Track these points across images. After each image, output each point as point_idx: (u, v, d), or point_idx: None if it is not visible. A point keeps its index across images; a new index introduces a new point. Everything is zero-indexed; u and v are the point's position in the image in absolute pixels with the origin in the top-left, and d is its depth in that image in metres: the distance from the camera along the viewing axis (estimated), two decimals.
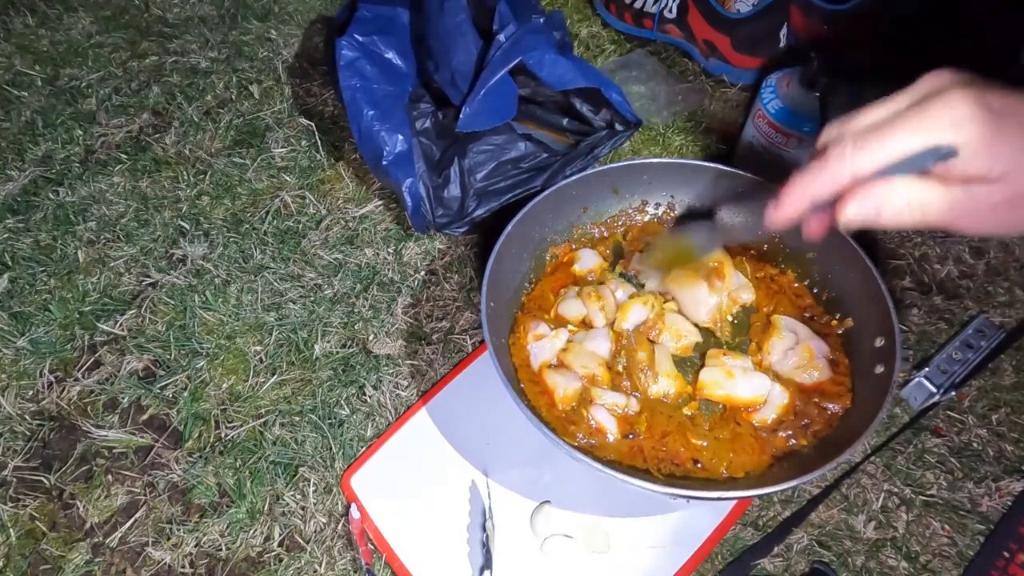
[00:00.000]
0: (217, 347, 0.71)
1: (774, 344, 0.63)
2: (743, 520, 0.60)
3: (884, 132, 0.39)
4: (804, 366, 0.61)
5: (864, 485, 0.62)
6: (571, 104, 0.77)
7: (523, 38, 0.72)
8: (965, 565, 0.58)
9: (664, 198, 0.73)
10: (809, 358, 0.61)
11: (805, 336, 0.63)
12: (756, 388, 0.60)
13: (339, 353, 0.71)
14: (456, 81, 0.74)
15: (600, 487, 0.60)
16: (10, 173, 0.86)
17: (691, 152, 0.86)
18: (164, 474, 0.64)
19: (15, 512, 0.63)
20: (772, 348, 0.62)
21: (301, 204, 0.82)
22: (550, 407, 0.60)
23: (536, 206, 0.66)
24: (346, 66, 0.75)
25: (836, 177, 0.40)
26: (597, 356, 0.63)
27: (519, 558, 0.58)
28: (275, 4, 1.05)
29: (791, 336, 0.63)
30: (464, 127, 0.72)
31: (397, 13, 0.81)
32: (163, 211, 0.82)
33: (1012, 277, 0.73)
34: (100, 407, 0.69)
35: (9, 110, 0.93)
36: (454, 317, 0.73)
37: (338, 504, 0.62)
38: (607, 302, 0.66)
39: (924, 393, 0.65)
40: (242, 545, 0.61)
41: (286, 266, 0.77)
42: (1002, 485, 0.61)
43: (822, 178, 0.41)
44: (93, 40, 1.01)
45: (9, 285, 0.76)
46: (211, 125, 0.90)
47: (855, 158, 0.40)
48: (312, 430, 0.66)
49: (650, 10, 0.94)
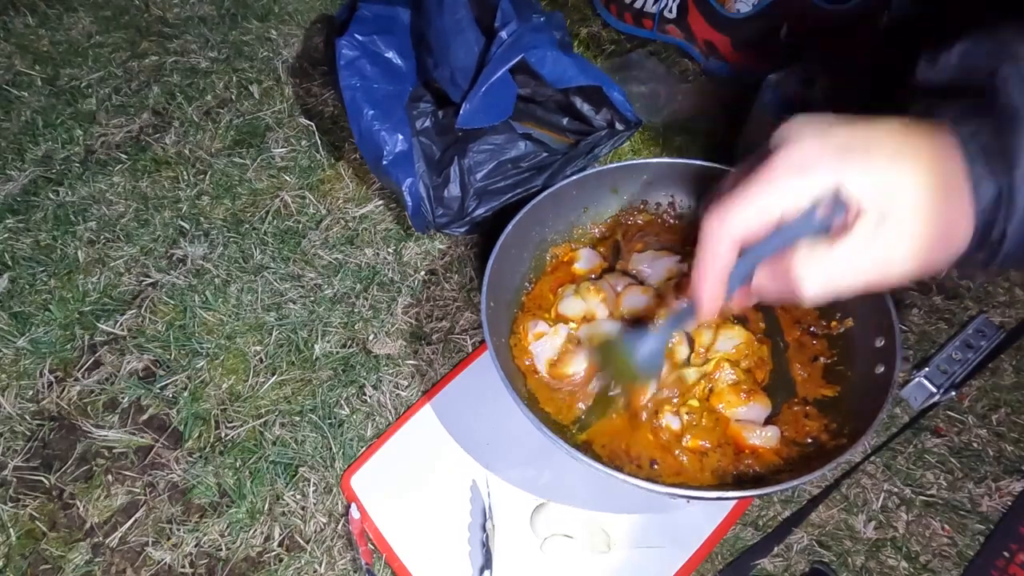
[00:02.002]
0: (217, 347, 0.71)
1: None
2: (743, 520, 0.60)
3: (741, 195, 0.38)
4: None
5: (864, 485, 0.62)
6: (571, 103, 0.77)
7: (525, 35, 0.72)
8: (965, 565, 0.58)
9: (664, 198, 0.73)
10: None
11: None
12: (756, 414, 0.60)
13: (339, 353, 0.71)
14: (456, 78, 0.74)
15: (600, 487, 0.60)
16: (10, 173, 0.86)
17: (691, 152, 0.86)
18: (164, 474, 0.64)
19: (15, 512, 0.63)
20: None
21: (301, 204, 0.82)
22: (568, 409, 0.61)
23: (536, 206, 0.66)
24: (346, 66, 0.75)
25: (718, 253, 0.40)
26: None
27: (519, 558, 0.58)
28: (275, 4, 1.05)
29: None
30: (464, 124, 0.72)
31: (397, 13, 0.81)
32: (163, 211, 0.82)
33: (1012, 277, 0.73)
34: (100, 407, 0.69)
35: (9, 110, 0.93)
36: (454, 317, 0.73)
37: (338, 504, 0.62)
38: (607, 294, 0.66)
39: (924, 393, 0.65)
40: (242, 545, 0.61)
41: (286, 266, 0.77)
42: (1002, 485, 0.61)
43: (709, 259, 0.40)
44: (93, 40, 1.01)
45: (9, 285, 0.76)
46: (211, 125, 0.90)
47: (723, 228, 0.39)
48: (312, 430, 0.66)
49: (650, 10, 0.94)
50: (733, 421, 0.59)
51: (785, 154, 0.37)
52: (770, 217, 0.38)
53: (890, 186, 0.35)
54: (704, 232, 0.40)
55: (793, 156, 0.37)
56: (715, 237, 0.39)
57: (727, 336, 0.63)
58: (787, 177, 0.37)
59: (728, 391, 0.60)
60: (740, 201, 0.38)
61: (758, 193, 0.37)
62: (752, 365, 0.62)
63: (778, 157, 0.37)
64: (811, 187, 0.36)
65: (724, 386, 0.61)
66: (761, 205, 0.38)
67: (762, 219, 0.38)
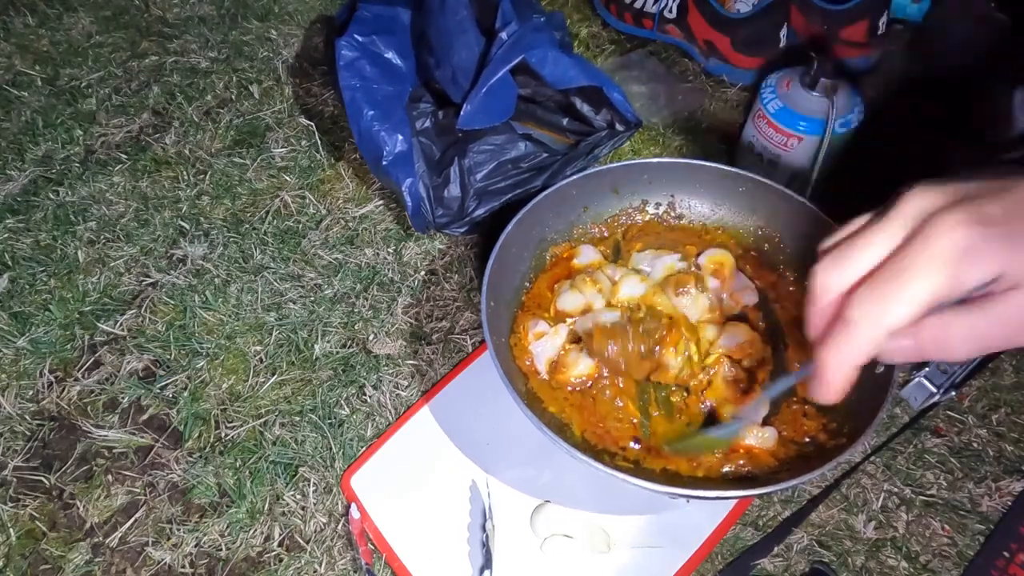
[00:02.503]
0: (217, 347, 0.71)
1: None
2: (743, 520, 0.60)
3: (900, 281, 0.35)
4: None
5: (864, 485, 0.62)
6: (571, 104, 0.77)
7: (526, 36, 0.73)
8: (965, 565, 0.58)
9: (664, 198, 0.73)
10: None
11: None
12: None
13: (339, 353, 0.71)
14: (457, 78, 0.74)
15: (600, 487, 0.60)
16: (10, 173, 0.86)
17: (691, 152, 0.86)
18: (164, 474, 0.64)
19: (15, 512, 0.63)
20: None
21: (301, 204, 0.82)
22: (581, 416, 0.61)
23: (536, 206, 0.66)
24: (346, 66, 0.75)
25: (873, 340, 0.36)
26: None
27: (519, 558, 0.58)
28: (275, 4, 1.05)
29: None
30: (465, 124, 0.72)
31: (397, 13, 0.81)
32: (163, 211, 0.82)
33: None
34: (100, 407, 0.69)
35: (9, 110, 0.93)
36: (454, 317, 0.73)
37: (338, 504, 0.62)
38: (603, 285, 0.65)
39: (924, 393, 0.64)
40: (242, 545, 0.61)
41: (286, 266, 0.77)
42: (1002, 485, 0.61)
43: (857, 346, 0.37)
44: (93, 40, 1.01)
45: (9, 285, 0.76)
46: (211, 125, 0.90)
47: (883, 318, 0.36)
48: (312, 430, 0.66)
49: (650, 10, 0.94)
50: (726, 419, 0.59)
51: (936, 245, 0.34)
52: (930, 300, 0.35)
53: None
54: (854, 314, 0.36)
55: (948, 251, 0.34)
56: (871, 323, 0.36)
57: (731, 333, 0.63)
58: (949, 267, 0.34)
59: (725, 386, 0.60)
60: (903, 289, 0.35)
61: (922, 284, 0.34)
62: (754, 364, 0.62)
63: (936, 242, 0.34)
64: (976, 277, 0.34)
65: (723, 380, 0.61)
66: (923, 296, 0.35)
67: (921, 304, 0.35)
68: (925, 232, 0.35)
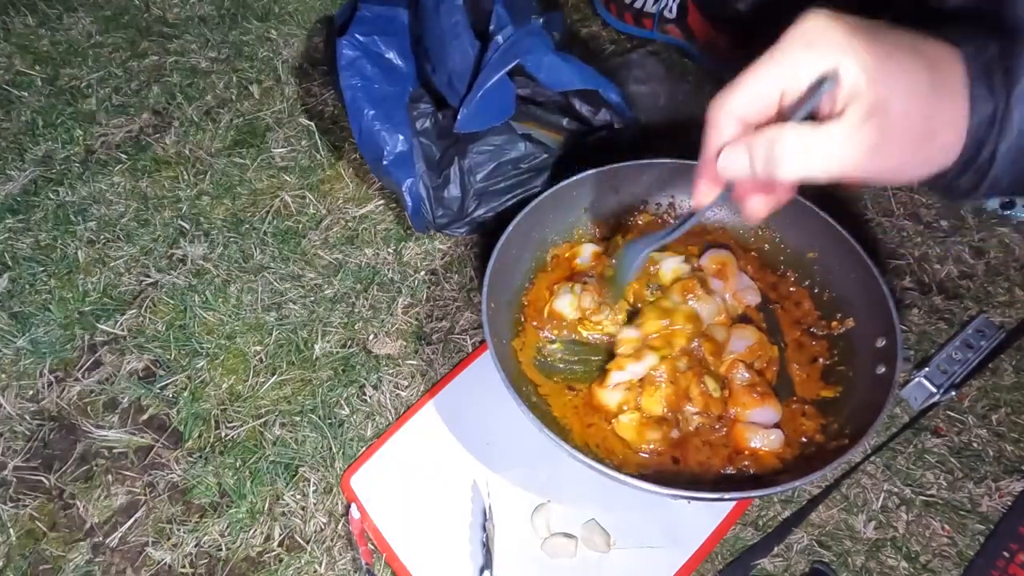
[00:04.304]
0: (217, 347, 0.71)
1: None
2: (743, 520, 0.60)
3: (747, 70, 0.38)
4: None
5: (864, 485, 0.62)
6: (570, 104, 0.77)
7: (521, 40, 0.72)
8: (965, 565, 0.58)
9: (664, 198, 0.73)
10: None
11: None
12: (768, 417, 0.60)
13: (339, 353, 0.71)
14: (453, 82, 0.74)
15: (600, 487, 0.60)
16: (10, 173, 0.86)
17: (691, 152, 0.85)
18: (164, 474, 0.64)
19: (15, 512, 0.63)
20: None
21: (301, 204, 0.82)
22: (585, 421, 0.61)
23: (536, 206, 0.66)
24: (346, 66, 0.75)
25: (716, 125, 0.40)
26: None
27: (519, 558, 0.58)
28: (275, 4, 1.05)
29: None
30: (462, 128, 0.72)
31: (397, 13, 0.81)
32: (163, 211, 0.82)
33: (1012, 277, 0.73)
34: (100, 407, 0.69)
35: (9, 110, 0.93)
36: (454, 317, 0.73)
37: (338, 504, 0.62)
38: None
39: (924, 393, 0.65)
40: (242, 545, 0.61)
41: (286, 266, 0.77)
42: (1002, 485, 0.61)
43: (711, 141, 0.40)
44: (93, 40, 1.01)
45: (9, 285, 0.76)
46: (211, 125, 0.90)
47: (722, 101, 0.39)
48: (312, 430, 0.66)
49: (650, 10, 0.94)
50: (741, 423, 0.59)
51: (794, 30, 0.37)
52: (771, 93, 0.38)
53: (888, 77, 0.35)
54: (708, 112, 0.40)
55: (801, 33, 0.36)
56: (717, 114, 0.40)
57: (740, 336, 0.63)
58: (792, 51, 0.36)
59: (743, 392, 0.60)
60: (744, 77, 0.38)
61: (761, 68, 0.37)
62: (763, 366, 0.62)
63: (787, 34, 0.37)
64: (814, 62, 0.36)
65: (740, 387, 0.60)
66: (764, 80, 0.37)
67: (764, 95, 0.38)
68: (785, 32, 0.37)
